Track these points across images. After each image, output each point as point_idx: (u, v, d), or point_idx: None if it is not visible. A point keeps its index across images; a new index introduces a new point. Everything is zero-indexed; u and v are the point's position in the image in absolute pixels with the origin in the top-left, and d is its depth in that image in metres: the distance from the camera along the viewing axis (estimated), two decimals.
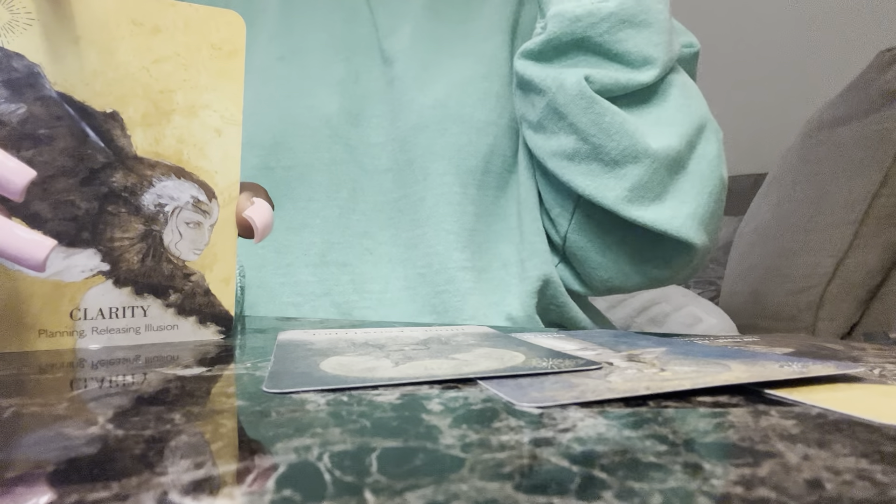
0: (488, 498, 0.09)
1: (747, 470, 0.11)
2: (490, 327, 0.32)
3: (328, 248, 0.46)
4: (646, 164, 0.38)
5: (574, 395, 0.16)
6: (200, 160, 0.28)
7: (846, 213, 0.84)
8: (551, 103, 0.40)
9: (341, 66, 0.49)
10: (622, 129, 0.38)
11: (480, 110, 0.46)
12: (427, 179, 0.45)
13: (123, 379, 0.18)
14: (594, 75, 0.39)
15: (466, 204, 0.45)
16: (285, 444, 0.12)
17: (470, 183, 0.45)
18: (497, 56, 0.47)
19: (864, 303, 0.83)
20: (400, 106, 0.47)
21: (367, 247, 0.46)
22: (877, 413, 0.14)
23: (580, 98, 0.38)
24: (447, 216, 0.44)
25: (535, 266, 0.45)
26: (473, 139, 0.45)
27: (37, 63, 0.25)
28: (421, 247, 0.45)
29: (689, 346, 0.25)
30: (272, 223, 0.29)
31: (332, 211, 0.47)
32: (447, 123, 0.45)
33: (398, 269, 0.45)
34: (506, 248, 0.46)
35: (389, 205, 0.47)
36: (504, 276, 0.45)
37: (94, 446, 0.12)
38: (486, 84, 0.46)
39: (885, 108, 0.83)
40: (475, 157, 0.45)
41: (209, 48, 0.28)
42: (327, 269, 0.46)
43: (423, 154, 0.45)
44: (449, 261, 0.44)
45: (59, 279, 0.26)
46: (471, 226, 0.45)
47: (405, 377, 0.18)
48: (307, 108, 0.48)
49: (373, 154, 0.47)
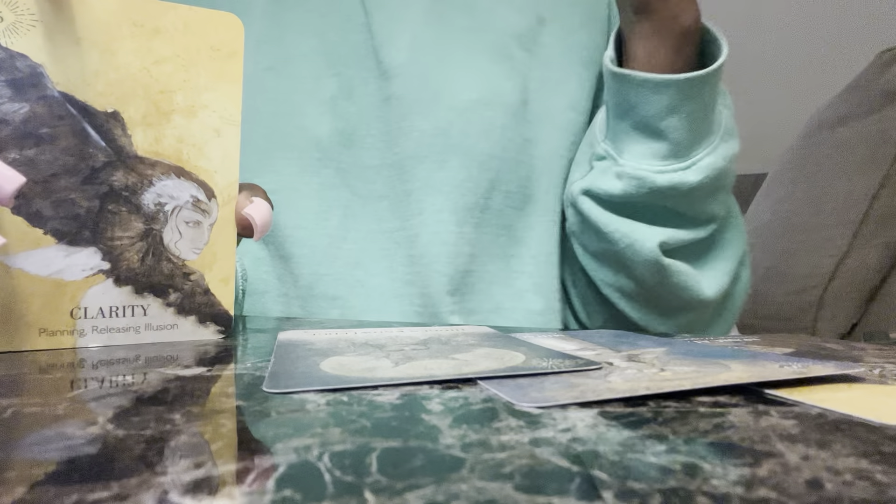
0: (488, 498, 0.09)
1: (747, 470, 0.11)
2: (490, 327, 0.32)
3: (316, 280, 0.43)
4: (698, 311, 0.40)
5: (574, 395, 0.16)
6: (200, 160, 0.28)
7: (846, 213, 0.84)
8: (617, 254, 0.39)
9: (333, 81, 0.45)
10: (685, 286, 0.39)
11: (484, 142, 0.43)
12: (422, 215, 0.43)
13: (123, 379, 0.18)
14: (669, 240, 0.38)
15: (462, 244, 0.42)
16: (285, 444, 0.12)
17: (467, 221, 0.43)
18: (503, 84, 0.44)
19: (864, 303, 0.83)
20: (398, 129, 0.43)
21: (358, 279, 0.43)
22: (877, 413, 0.14)
23: (653, 264, 0.38)
24: (440, 257, 0.42)
25: (543, 322, 0.44)
26: (474, 174, 0.43)
27: (40, 63, 0.25)
28: (416, 284, 0.43)
29: (689, 346, 0.25)
30: (271, 221, 0.29)
31: (321, 240, 0.43)
32: (447, 155, 0.43)
33: (392, 305, 0.43)
34: (500, 291, 0.44)
35: (384, 235, 0.44)
36: (495, 321, 0.43)
37: (94, 446, 0.12)
38: (490, 114, 0.43)
39: (885, 108, 0.83)
40: (474, 193, 0.43)
41: (208, 49, 0.28)
42: (316, 303, 0.43)
43: (420, 187, 0.43)
44: (441, 304, 0.42)
45: (59, 278, 0.26)
46: (464, 268, 0.43)
47: (405, 377, 0.18)
48: (296, 128, 0.44)
49: (366, 178, 0.44)
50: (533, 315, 0.44)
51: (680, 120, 0.35)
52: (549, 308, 0.44)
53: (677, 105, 0.35)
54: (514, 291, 0.44)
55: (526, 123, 0.45)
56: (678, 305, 0.40)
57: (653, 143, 0.36)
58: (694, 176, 0.36)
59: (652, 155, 0.37)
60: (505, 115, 0.44)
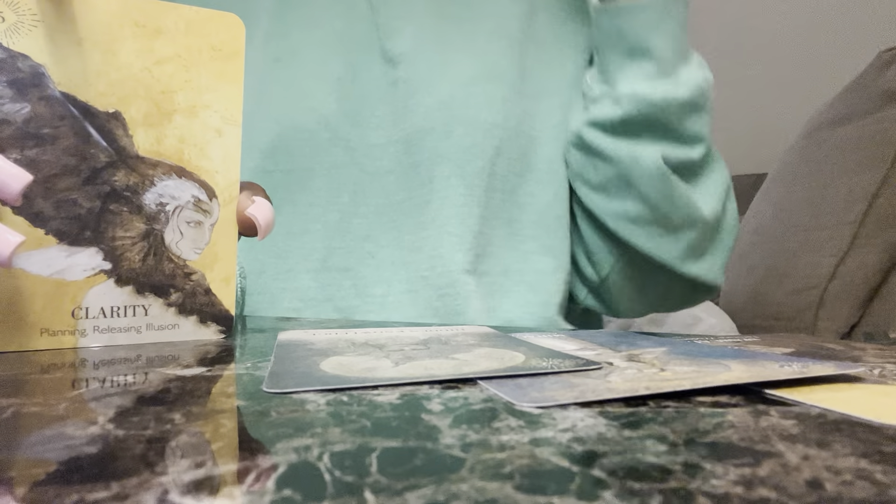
0: (488, 498, 0.09)
1: (747, 470, 0.11)
2: (490, 327, 0.32)
3: (329, 253, 0.46)
4: (699, 229, 0.45)
5: (574, 395, 0.16)
6: (201, 160, 0.28)
7: (846, 213, 0.84)
8: (622, 174, 0.44)
9: (338, 63, 0.47)
10: (688, 201, 0.43)
11: (486, 112, 0.45)
12: (433, 182, 0.45)
13: (124, 378, 0.18)
14: (668, 155, 0.43)
15: (472, 206, 0.45)
16: (285, 444, 0.12)
17: (476, 185, 0.45)
18: (501, 61, 0.47)
19: (864, 303, 0.83)
20: (405, 108, 0.46)
21: (368, 250, 0.46)
22: (877, 413, 0.14)
23: (657, 174, 0.42)
24: (451, 218, 0.44)
25: (554, 281, 0.46)
26: (479, 140, 0.45)
27: (41, 63, 0.25)
28: (425, 249, 0.44)
29: (689, 346, 0.25)
30: (274, 221, 0.29)
31: (333, 215, 0.46)
32: (453, 125, 0.45)
33: (400, 272, 0.45)
34: (507, 254, 0.46)
35: (392, 207, 0.46)
36: (503, 283, 0.45)
37: (94, 446, 0.12)
38: (492, 87, 0.46)
39: (885, 108, 0.83)
40: (481, 158, 0.45)
41: (210, 50, 0.28)
42: (329, 275, 0.45)
43: (429, 157, 0.45)
44: (452, 263, 0.44)
45: (61, 278, 0.26)
46: (476, 228, 0.45)
47: (405, 377, 0.18)
48: (305, 110, 0.47)
49: (374, 156, 0.47)
50: (542, 275, 0.46)
51: (663, 38, 0.42)
52: (559, 267, 0.47)
53: (658, 21, 0.42)
54: (520, 254, 0.46)
55: (524, 97, 0.47)
56: (680, 222, 0.44)
57: (642, 63, 0.42)
58: (683, 90, 0.42)
59: (644, 76, 0.42)
60: (504, 88, 0.46)
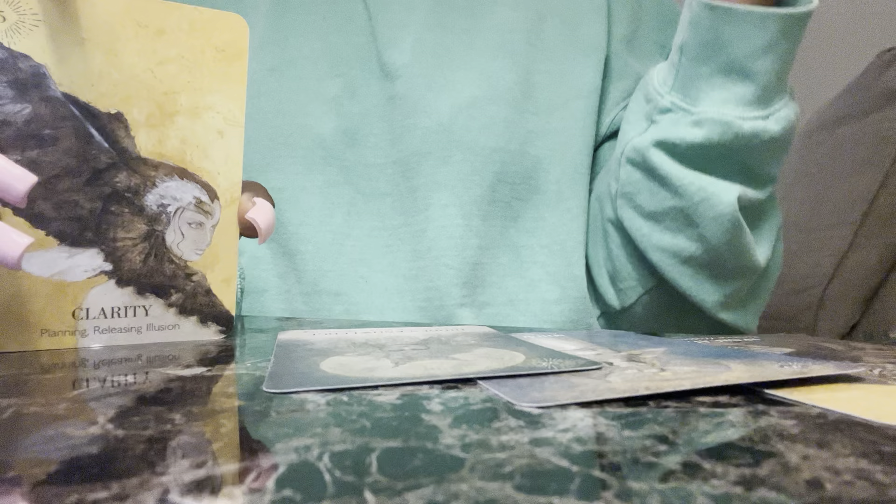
0: (488, 498, 0.09)
1: (747, 470, 0.11)
2: (490, 327, 0.32)
3: (320, 276, 0.44)
4: (749, 278, 0.40)
5: (574, 395, 0.16)
6: (203, 161, 0.28)
7: (846, 213, 0.84)
8: (685, 209, 0.38)
9: (337, 81, 0.46)
10: (750, 250, 0.38)
11: (486, 136, 0.43)
12: (429, 210, 0.43)
13: (124, 378, 0.19)
14: (741, 196, 0.36)
15: (469, 237, 0.43)
16: (285, 444, 0.12)
17: (474, 214, 0.43)
18: (504, 78, 0.44)
19: (864, 303, 0.83)
20: (402, 128, 0.44)
21: (361, 275, 0.44)
22: (877, 413, 0.14)
23: (728, 218, 0.36)
24: (448, 250, 0.42)
25: (562, 312, 0.43)
26: (478, 167, 0.43)
27: (42, 64, 0.25)
28: (421, 279, 0.43)
29: (689, 346, 0.25)
30: (275, 223, 0.29)
31: (325, 237, 0.44)
32: (451, 150, 0.43)
33: (395, 300, 0.43)
34: (512, 283, 0.44)
35: (387, 231, 0.44)
36: (508, 313, 0.43)
37: (94, 446, 0.12)
38: (493, 108, 0.44)
39: (885, 108, 0.83)
40: (480, 186, 0.43)
41: (213, 50, 0.28)
42: (319, 299, 0.43)
43: (425, 183, 0.43)
44: (448, 297, 0.42)
45: (62, 279, 0.26)
46: (473, 260, 0.43)
47: (405, 377, 0.18)
48: (300, 127, 0.45)
49: (370, 176, 0.45)
50: (549, 305, 0.43)
51: (773, 61, 0.34)
52: (566, 297, 0.44)
53: (775, 43, 0.34)
54: (527, 282, 0.44)
55: (530, 115, 0.45)
56: (733, 270, 0.39)
57: (738, 86, 0.35)
58: (774, 125, 0.35)
59: (735, 101, 0.35)
60: (507, 109, 0.44)
